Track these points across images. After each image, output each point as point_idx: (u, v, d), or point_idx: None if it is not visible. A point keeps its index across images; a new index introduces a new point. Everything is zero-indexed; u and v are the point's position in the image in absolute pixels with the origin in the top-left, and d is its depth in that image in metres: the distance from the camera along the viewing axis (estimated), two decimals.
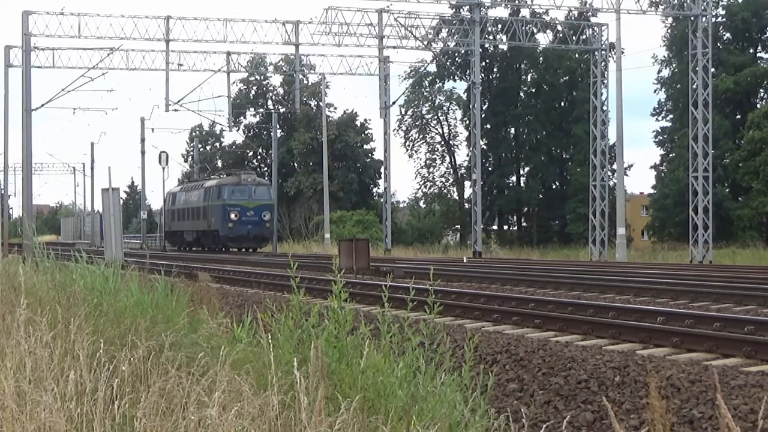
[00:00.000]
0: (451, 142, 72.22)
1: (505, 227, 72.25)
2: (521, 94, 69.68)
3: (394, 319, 5.57)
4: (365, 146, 73.85)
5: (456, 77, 65.63)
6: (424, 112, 71.87)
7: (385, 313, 5.50)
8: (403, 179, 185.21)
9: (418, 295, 6.98)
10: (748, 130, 52.97)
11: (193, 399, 4.27)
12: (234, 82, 67.44)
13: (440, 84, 70.71)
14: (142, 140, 60.18)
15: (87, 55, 40.94)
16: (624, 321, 10.94)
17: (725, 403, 6.72)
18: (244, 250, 48.12)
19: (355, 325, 5.60)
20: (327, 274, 18.98)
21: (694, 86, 37.24)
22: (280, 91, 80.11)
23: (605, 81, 41.16)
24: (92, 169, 74.61)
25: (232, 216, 46.31)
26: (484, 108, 62.07)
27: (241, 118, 76.09)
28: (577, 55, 61.86)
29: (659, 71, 60.89)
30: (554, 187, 68.45)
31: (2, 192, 60.58)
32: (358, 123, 74.72)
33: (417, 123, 71.76)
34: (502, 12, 53.46)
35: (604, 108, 41.19)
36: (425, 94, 71.29)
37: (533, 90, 69.51)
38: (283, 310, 5.90)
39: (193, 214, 51.69)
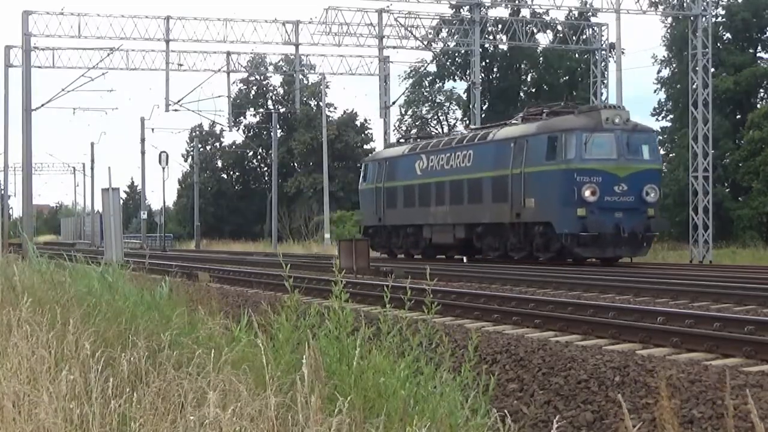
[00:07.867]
0: None
1: None
2: (521, 94, 69.60)
3: (394, 320, 5.55)
4: (365, 146, 73.85)
5: (456, 77, 65.61)
6: (424, 112, 71.86)
7: (386, 314, 5.48)
8: None
9: (419, 294, 6.96)
10: (748, 130, 52.91)
11: (191, 399, 4.26)
12: (234, 82, 67.44)
13: (440, 84, 70.71)
14: (142, 140, 60.37)
15: (87, 55, 40.94)
16: (624, 321, 10.91)
17: (726, 402, 6.70)
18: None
19: (356, 325, 5.58)
20: (327, 273, 18.94)
21: (694, 86, 37.18)
22: (280, 91, 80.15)
23: (605, 81, 41.15)
24: (92, 169, 74.89)
25: (587, 194, 24.26)
26: (484, 108, 61.94)
27: (241, 118, 76.13)
28: (577, 55, 61.80)
29: (659, 71, 60.85)
30: None
31: (2, 192, 60.62)
32: (358, 123, 74.76)
33: (417, 123, 71.73)
34: (502, 12, 53.42)
35: None
36: (425, 94, 71.26)
37: (533, 90, 69.41)
38: (281, 311, 5.89)
39: (459, 194, 28.92)
